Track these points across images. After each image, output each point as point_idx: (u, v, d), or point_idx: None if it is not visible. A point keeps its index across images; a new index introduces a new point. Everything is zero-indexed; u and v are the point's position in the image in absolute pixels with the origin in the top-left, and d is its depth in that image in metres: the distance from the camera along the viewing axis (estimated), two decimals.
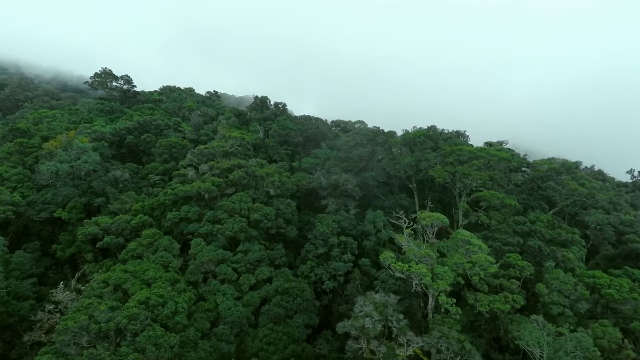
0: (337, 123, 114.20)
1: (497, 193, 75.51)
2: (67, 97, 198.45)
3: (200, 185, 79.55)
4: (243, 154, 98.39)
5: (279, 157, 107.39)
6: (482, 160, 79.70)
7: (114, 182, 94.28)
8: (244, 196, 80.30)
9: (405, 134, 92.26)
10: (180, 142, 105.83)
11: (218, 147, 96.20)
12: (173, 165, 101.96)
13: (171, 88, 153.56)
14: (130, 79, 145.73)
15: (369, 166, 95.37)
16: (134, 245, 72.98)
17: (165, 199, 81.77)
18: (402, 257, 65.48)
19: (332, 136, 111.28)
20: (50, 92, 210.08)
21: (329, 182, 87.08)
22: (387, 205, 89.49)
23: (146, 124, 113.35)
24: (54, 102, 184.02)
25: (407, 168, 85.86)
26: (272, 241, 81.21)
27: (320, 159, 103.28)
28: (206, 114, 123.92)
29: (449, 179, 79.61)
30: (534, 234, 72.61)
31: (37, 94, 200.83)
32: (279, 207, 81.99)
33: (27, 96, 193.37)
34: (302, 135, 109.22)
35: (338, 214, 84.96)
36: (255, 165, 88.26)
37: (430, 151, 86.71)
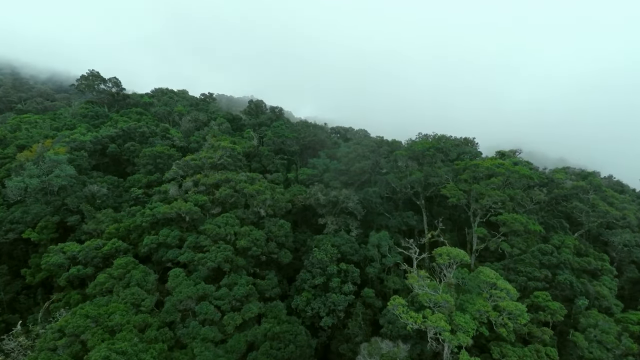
0: (336, 130, 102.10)
1: (519, 216, 63.31)
2: (62, 98, 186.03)
3: (181, 206, 67.40)
4: (233, 165, 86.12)
5: (274, 166, 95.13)
6: (500, 177, 67.40)
7: (91, 197, 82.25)
8: (231, 217, 68.16)
9: (412, 144, 79.88)
10: (166, 151, 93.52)
11: (205, 158, 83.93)
12: (158, 176, 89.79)
13: (163, 90, 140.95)
14: (118, 81, 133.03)
15: (372, 179, 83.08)
16: (102, 277, 61.07)
17: (142, 220, 69.69)
18: (413, 295, 53.60)
19: (330, 144, 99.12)
20: (45, 92, 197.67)
21: (328, 198, 74.88)
22: (392, 224, 77.29)
23: (130, 131, 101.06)
24: (47, 103, 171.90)
25: (414, 184, 73.62)
26: (263, 267, 69.29)
27: (318, 169, 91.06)
28: (197, 119, 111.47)
29: (463, 199, 67.37)
30: (562, 265, 60.47)
31: (31, 95, 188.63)
32: (270, 229, 69.91)
33: (20, 97, 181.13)
34: (298, 143, 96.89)
35: (337, 235, 72.82)
36: (245, 181, 76.00)
37: (441, 164, 74.36)
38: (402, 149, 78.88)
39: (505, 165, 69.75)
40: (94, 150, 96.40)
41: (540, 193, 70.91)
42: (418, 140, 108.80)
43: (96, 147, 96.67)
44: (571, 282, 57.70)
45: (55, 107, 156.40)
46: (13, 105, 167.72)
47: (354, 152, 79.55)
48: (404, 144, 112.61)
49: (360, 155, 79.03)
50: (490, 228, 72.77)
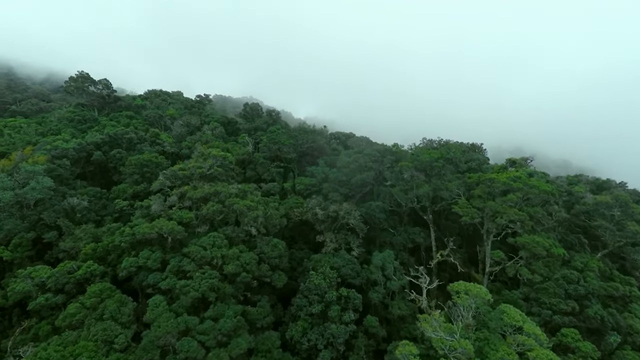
0: (336, 136, 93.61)
1: (540, 239, 54.94)
2: (59, 99, 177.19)
3: (162, 226, 59.09)
4: (225, 175, 77.70)
5: (269, 175, 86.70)
6: (518, 193, 58.90)
7: (70, 211, 74.09)
8: (218, 237, 59.84)
9: (418, 153, 71.25)
10: (154, 159, 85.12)
11: (194, 168, 75.49)
12: (145, 186, 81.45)
13: (156, 92, 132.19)
14: (109, 83, 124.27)
15: (374, 190, 74.64)
16: (73, 308, 53.03)
17: (121, 240, 61.43)
18: (425, 337, 45.43)
19: (330, 151, 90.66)
20: (41, 93, 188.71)
21: (327, 213, 66.53)
22: (396, 241, 68.96)
23: (117, 137, 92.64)
24: (43, 103, 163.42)
25: (422, 198, 65.23)
26: (254, 292, 61.10)
27: (317, 178, 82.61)
28: (189, 123, 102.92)
29: (477, 217, 58.96)
30: (591, 295, 52.11)
31: (27, 96, 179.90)
32: (262, 250, 61.62)
33: (15, 98, 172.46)
34: (296, 150, 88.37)
35: (337, 255, 64.53)
36: (236, 194, 67.61)
37: (451, 177, 65.81)
38: (408, 159, 70.32)
39: (522, 179, 61.17)
40: (78, 158, 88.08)
41: (561, 210, 62.44)
42: (422, 147, 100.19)
43: (80, 155, 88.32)
44: (602, 316, 49.44)
45: (51, 107, 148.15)
46: (7, 107, 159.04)
47: (355, 162, 71.04)
48: (407, 149, 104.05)
49: (362, 165, 70.57)
50: (505, 247, 64.44)
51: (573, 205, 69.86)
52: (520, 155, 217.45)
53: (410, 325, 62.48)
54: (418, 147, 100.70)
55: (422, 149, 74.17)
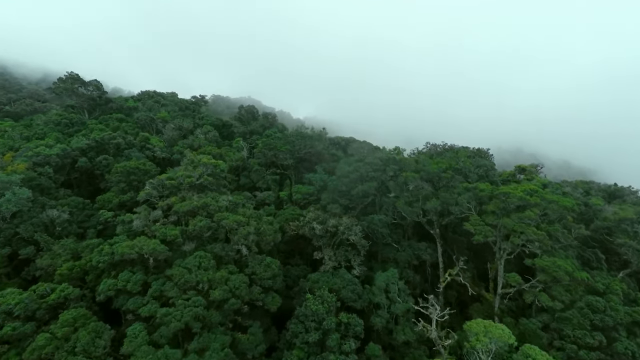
0: (335, 141, 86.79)
1: (562, 262, 48.42)
2: (54, 99, 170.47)
3: (143, 246, 52.49)
4: (216, 184, 71.04)
5: (264, 183, 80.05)
6: (535, 209, 52.23)
7: (50, 224, 67.49)
8: (205, 257, 53.22)
9: (422, 160, 64.42)
10: (142, 166, 78.32)
11: (183, 177, 68.84)
12: (131, 196, 74.78)
13: (149, 93, 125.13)
14: (99, 84, 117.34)
15: (377, 201, 68.01)
16: (42, 340, 46.44)
17: (99, 259, 54.84)
18: None
19: (329, 157, 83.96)
20: (36, 93, 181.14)
21: (325, 227, 59.98)
22: (401, 258, 62.40)
23: (104, 142, 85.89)
24: (38, 104, 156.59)
25: (429, 212, 58.63)
26: (245, 317, 54.60)
27: (315, 185, 76.02)
28: (181, 126, 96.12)
29: (491, 236, 52.43)
30: (619, 326, 45.61)
31: (21, 96, 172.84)
32: (254, 270, 55.05)
33: (10, 98, 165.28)
34: (293, 156, 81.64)
35: (336, 274, 57.98)
36: (226, 207, 60.99)
37: (461, 189, 59.06)
38: (413, 169, 63.59)
39: (538, 193, 54.46)
40: (62, 164, 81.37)
41: (581, 226, 55.83)
42: (426, 152, 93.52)
43: (64, 161, 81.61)
44: (633, 352, 43.00)
45: (46, 108, 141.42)
46: (1, 107, 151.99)
47: (356, 171, 64.33)
48: (410, 154, 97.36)
49: (364, 175, 63.88)
50: (519, 267, 57.92)
51: (591, 219, 63.26)
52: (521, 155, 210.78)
53: (415, 350, 56.19)
54: (421, 153, 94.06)
55: (427, 157, 67.47)
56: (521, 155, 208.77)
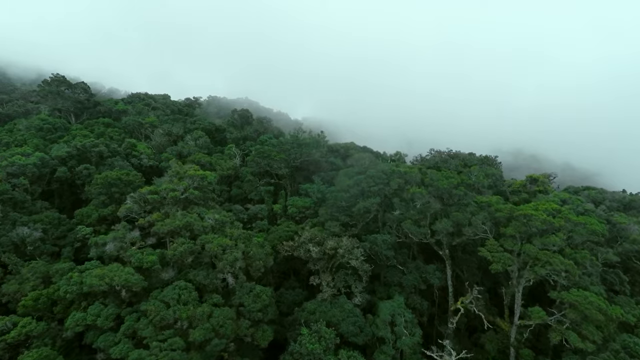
0: (334, 148, 79.05)
1: (594, 297, 41.00)
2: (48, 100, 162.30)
3: (114, 276, 44.87)
4: (203, 198, 63.37)
5: (257, 194, 72.39)
6: (561, 233, 44.71)
7: (21, 243, 59.90)
8: (185, 289, 45.59)
9: (431, 175, 56.69)
10: (124, 176, 70.48)
11: (166, 191, 61.14)
12: (113, 209, 67.09)
13: (140, 96, 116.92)
14: (87, 86, 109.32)
15: (379, 217, 60.42)
16: None
17: (66, 290, 47.23)
18: None
19: (327, 165, 76.30)
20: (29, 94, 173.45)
21: (323, 249, 52.49)
22: (406, 282, 54.87)
23: (86, 150, 78.06)
24: (30, 105, 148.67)
25: (440, 234, 51.14)
26: (232, 354, 47.07)
27: (312, 198, 68.47)
28: (170, 132, 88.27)
29: (511, 264, 44.96)
30: None
31: (14, 97, 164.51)
32: (242, 300, 47.49)
33: (2, 99, 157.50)
34: (288, 165, 73.96)
35: (335, 303, 50.48)
36: (212, 227, 53.34)
37: (475, 207, 51.40)
38: (419, 181, 55.94)
39: (563, 214, 46.86)
40: (39, 174, 73.61)
41: (608, 251, 48.43)
42: (430, 158, 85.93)
43: (42, 171, 73.81)
44: None
45: (39, 109, 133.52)
46: None
47: (356, 185, 56.68)
48: (413, 162, 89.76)
49: (366, 190, 56.23)
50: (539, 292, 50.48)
51: (614, 238, 55.82)
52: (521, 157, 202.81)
53: None
54: (425, 160, 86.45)
55: (434, 170, 59.78)
56: (522, 156, 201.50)
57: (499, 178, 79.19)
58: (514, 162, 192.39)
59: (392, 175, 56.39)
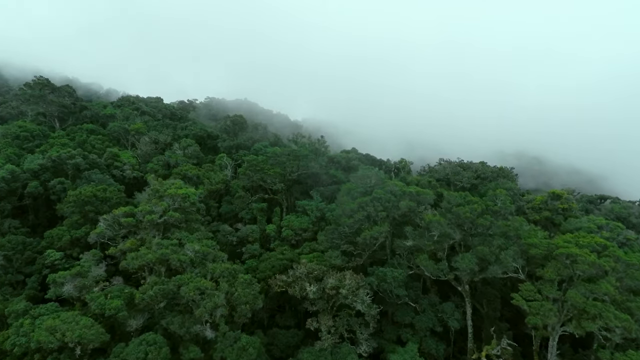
0: (335, 159, 68.87)
1: None
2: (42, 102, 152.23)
3: (67, 330, 35.27)
4: (185, 220, 53.70)
5: (248, 212, 62.66)
6: (611, 277, 34.97)
7: None
8: (154, 346, 35.97)
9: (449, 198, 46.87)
10: (100, 192, 60.80)
11: (143, 213, 51.46)
12: (87, 229, 57.51)
13: (129, 99, 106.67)
14: (72, 90, 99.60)
15: (387, 244, 50.60)
16: None
17: (14, 341, 37.69)
18: None
19: (327, 178, 66.46)
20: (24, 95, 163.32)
21: (322, 286, 42.88)
22: (419, 324, 45.23)
23: (61, 162, 68.28)
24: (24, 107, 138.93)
25: (462, 272, 41.45)
26: None
27: (310, 216, 58.84)
28: (157, 140, 78.40)
29: (552, 316, 35.31)
30: None
31: (8, 98, 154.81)
32: (224, 355, 37.94)
33: None
34: (283, 179, 64.18)
35: (337, 353, 40.95)
36: (190, 262, 43.63)
37: (501, 240, 41.57)
38: (435, 206, 46.21)
39: (610, 250, 37.15)
40: (9, 189, 63.96)
41: None
42: (439, 169, 76.19)
43: (12, 186, 64.12)
44: None
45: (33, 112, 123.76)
46: None
47: (361, 209, 46.83)
48: (421, 172, 79.87)
49: (372, 215, 46.44)
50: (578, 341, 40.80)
51: None
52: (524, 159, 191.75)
53: None
54: (434, 170, 76.61)
55: (453, 193, 49.83)
56: (524, 158, 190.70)
57: (517, 193, 69.44)
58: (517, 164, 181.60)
59: (403, 196, 46.53)
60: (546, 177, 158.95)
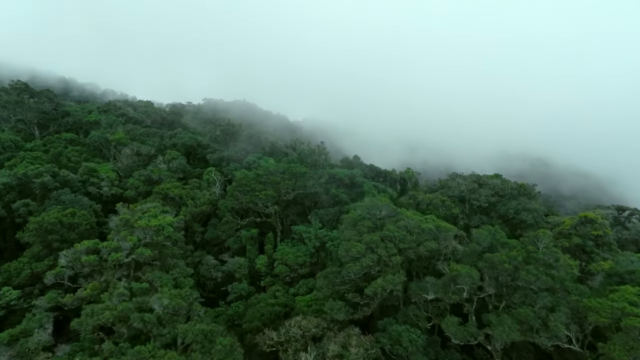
0: (337, 177, 58.07)
1: None
2: None
3: None
4: (159, 256, 43.52)
5: (236, 241, 52.44)
6: None
7: None
8: None
9: (479, 237, 36.56)
10: (66, 218, 50.64)
11: (108, 250, 41.29)
12: (50, 262, 47.61)
13: (116, 104, 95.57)
14: (52, 95, 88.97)
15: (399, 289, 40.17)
16: None
17: None
18: None
19: (327, 199, 56.10)
20: None
21: (321, 352, 32.72)
22: None
23: (29, 180, 58.00)
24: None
25: (496, 339, 31.31)
26: None
27: (308, 245, 48.67)
28: (139, 152, 67.96)
29: None
30: None
31: None
32: None
33: None
34: (278, 200, 53.84)
35: None
36: (157, 320, 33.54)
37: (550, 298, 31.08)
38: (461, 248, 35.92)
39: None
40: None
41: None
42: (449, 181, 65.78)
43: None
44: None
45: None
46: None
47: (371, 251, 36.50)
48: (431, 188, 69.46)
49: (384, 259, 36.14)
50: None
51: None
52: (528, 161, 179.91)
53: None
54: (446, 186, 66.08)
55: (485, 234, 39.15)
56: (528, 160, 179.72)
57: (540, 214, 59.01)
58: (521, 166, 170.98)
59: (422, 234, 36.14)
60: (554, 182, 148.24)
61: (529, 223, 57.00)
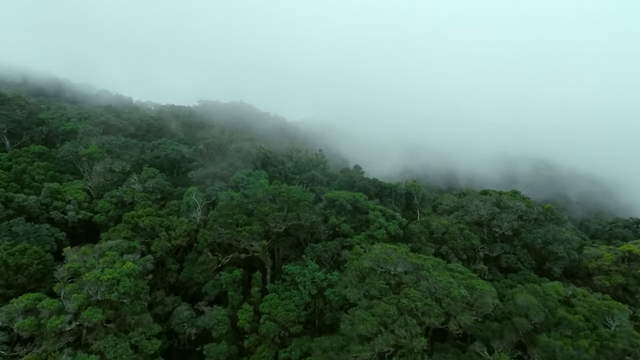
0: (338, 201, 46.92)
1: None
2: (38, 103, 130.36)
3: None
4: (114, 318, 33.05)
5: (214, 286, 41.91)
6: None
7: None
8: None
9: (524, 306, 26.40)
10: (14, 258, 40.20)
11: (47, 311, 30.82)
12: None
13: (96, 111, 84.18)
14: (24, 102, 77.73)
15: None
16: None
17: None
18: None
19: (325, 230, 45.63)
20: None
21: None
22: None
23: None
24: None
25: None
26: None
27: (302, 293, 38.41)
28: (111, 169, 57.18)
29: None
30: None
31: None
32: None
33: None
34: (267, 234, 43.30)
35: None
36: None
37: None
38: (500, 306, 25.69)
39: None
40: None
41: None
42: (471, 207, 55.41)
43: None
44: None
45: None
46: None
47: (385, 331, 26.14)
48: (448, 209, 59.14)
49: (403, 338, 25.71)
50: None
51: None
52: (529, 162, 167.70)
53: None
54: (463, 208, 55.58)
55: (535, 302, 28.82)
56: (530, 161, 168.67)
57: (574, 244, 48.54)
58: (525, 169, 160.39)
59: (450, 305, 25.72)
60: (559, 187, 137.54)
61: (560, 255, 46.71)
